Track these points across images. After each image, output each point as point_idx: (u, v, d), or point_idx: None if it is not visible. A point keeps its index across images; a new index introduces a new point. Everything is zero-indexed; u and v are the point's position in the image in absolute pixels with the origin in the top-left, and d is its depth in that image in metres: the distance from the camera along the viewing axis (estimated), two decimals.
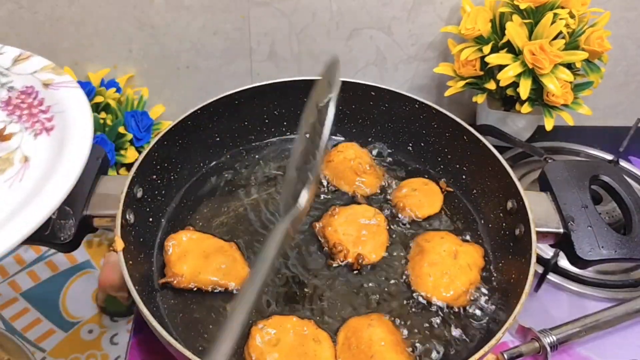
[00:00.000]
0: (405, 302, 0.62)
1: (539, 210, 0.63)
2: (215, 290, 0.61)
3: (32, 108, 0.55)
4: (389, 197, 0.73)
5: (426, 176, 0.76)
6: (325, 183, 0.74)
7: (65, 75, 0.58)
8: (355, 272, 0.64)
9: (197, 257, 0.62)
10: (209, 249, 0.63)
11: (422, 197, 0.72)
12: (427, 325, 0.60)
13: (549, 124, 0.82)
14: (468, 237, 0.70)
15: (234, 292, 0.61)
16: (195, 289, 0.61)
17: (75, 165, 0.48)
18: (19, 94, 0.56)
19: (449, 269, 0.63)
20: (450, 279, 0.62)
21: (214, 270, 0.61)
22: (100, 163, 0.62)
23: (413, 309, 0.62)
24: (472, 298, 0.62)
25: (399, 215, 0.71)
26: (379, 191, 0.74)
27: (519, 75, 0.79)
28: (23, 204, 0.45)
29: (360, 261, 0.64)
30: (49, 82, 0.57)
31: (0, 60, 0.60)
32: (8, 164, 0.50)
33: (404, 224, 0.70)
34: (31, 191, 0.47)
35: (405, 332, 0.59)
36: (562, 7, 0.78)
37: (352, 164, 0.74)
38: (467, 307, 0.62)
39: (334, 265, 0.64)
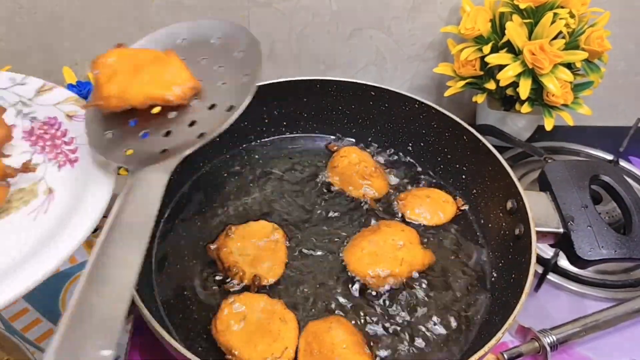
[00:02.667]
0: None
1: (539, 210, 0.63)
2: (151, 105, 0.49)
3: (55, 139, 0.54)
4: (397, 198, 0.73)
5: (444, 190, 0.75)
6: (333, 190, 0.74)
7: None
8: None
9: (128, 73, 0.50)
10: (142, 62, 0.51)
11: (429, 206, 0.71)
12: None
13: (548, 124, 0.82)
14: (467, 237, 0.70)
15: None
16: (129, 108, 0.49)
17: (101, 198, 0.47)
18: (42, 125, 0.55)
19: (382, 253, 0.64)
20: (375, 260, 0.63)
21: (147, 83, 0.48)
22: None
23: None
24: (387, 286, 0.63)
25: (395, 209, 0.72)
26: (387, 193, 0.74)
27: (518, 75, 0.79)
28: (49, 237, 0.44)
29: (257, 282, 0.61)
30: (72, 114, 0.56)
31: (23, 91, 0.59)
32: (32, 196, 0.49)
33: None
34: (56, 224, 0.45)
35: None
36: (562, 7, 0.78)
37: (358, 168, 0.74)
38: (379, 293, 0.62)
39: (231, 290, 0.61)
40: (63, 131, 0.55)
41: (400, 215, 0.71)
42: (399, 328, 0.60)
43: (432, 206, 0.71)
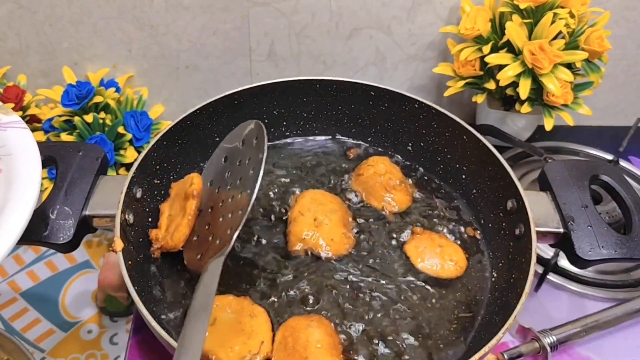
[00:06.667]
0: None
1: (539, 210, 0.63)
2: None
3: None
4: (414, 217, 0.71)
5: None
6: (354, 198, 0.73)
7: (12, 115, 0.54)
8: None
9: None
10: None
11: (433, 255, 0.66)
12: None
13: (548, 124, 0.82)
14: (466, 238, 0.70)
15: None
16: None
17: (23, 213, 0.46)
18: None
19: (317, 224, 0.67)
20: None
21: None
22: (99, 163, 0.62)
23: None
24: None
25: (401, 235, 0.69)
26: (408, 208, 0.72)
27: (518, 75, 0.79)
28: None
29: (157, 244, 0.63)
30: None
31: None
32: None
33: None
34: None
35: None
36: (562, 7, 0.78)
37: (382, 179, 0.72)
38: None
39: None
40: None
41: (400, 241, 0.68)
42: (397, 328, 0.60)
43: (436, 258, 0.66)
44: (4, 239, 0.44)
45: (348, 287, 0.63)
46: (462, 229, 0.71)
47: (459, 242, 0.69)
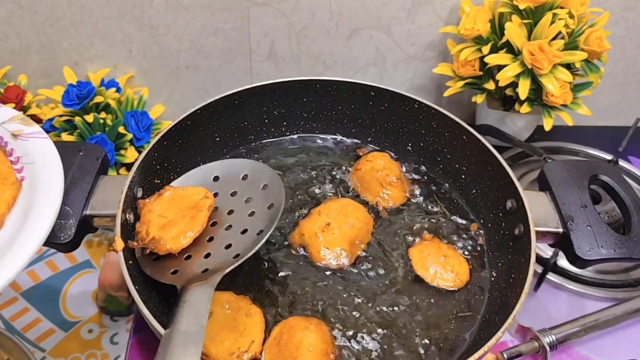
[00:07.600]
0: None
1: (538, 209, 0.63)
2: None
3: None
4: (408, 218, 0.71)
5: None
6: (349, 192, 0.73)
7: (34, 126, 0.57)
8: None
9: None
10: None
11: (436, 263, 0.66)
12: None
13: (547, 124, 0.82)
14: (466, 237, 0.70)
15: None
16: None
17: (47, 218, 0.48)
18: None
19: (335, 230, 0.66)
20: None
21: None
22: (100, 163, 0.62)
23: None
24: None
25: (401, 259, 0.67)
26: (401, 205, 0.72)
27: (518, 76, 0.79)
28: None
29: (151, 245, 0.58)
30: (17, 133, 0.55)
31: None
32: None
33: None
34: (3, 243, 0.46)
35: None
36: (562, 7, 0.78)
37: (379, 175, 0.73)
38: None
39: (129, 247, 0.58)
40: (9, 151, 0.54)
41: (403, 247, 0.68)
42: (395, 327, 0.60)
43: (439, 266, 0.65)
44: (31, 241, 0.46)
45: (334, 288, 0.63)
46: (464, 226, 0.71)
47: (464, 250, 0.69)
